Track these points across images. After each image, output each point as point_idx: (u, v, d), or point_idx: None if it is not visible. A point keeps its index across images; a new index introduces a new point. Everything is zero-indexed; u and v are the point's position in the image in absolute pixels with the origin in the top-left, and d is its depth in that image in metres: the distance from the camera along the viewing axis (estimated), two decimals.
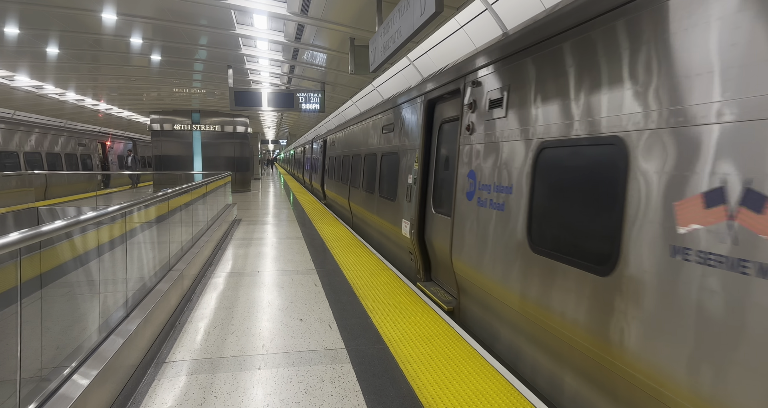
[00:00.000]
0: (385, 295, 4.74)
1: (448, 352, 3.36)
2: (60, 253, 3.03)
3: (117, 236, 3.26)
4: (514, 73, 3.66)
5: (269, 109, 10.19)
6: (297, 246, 7.28)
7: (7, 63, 10.04)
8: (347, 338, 3.61)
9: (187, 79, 11.91)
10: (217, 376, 2.96)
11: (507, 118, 3.69)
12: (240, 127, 17.84)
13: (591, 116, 2.71)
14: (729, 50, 1.93)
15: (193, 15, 6.93)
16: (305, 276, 5.47)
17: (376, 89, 12.67)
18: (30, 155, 14.87)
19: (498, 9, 6.76)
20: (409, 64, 10.08)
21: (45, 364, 2.23)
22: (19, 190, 10.54)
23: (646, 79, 2.33)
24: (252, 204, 13.88)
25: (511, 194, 3.54)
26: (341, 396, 2.73)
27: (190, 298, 4.54)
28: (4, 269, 2.00)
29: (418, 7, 3.69)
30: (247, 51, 9.19)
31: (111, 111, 18.94)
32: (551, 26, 3.13)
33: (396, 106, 7.06)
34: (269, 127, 29.35)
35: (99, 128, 24.07)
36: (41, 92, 13.68)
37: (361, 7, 5.99)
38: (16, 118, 16.34)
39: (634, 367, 2.29)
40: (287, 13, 6.65)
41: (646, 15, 2.36)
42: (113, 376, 2.53)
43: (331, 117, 20.23)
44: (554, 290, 2.93)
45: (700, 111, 2.03)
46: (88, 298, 3.14)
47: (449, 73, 4.95)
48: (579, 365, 2.79)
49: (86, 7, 6.46)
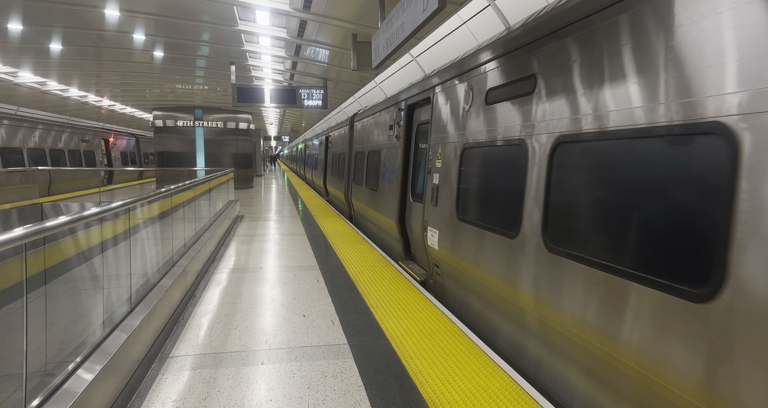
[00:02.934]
0: (387, 291, 4.75)
1: (451, 347, 3.37)
2: (64, 249, 3.05)
3: (120, 232, 3.28)
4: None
5: (272, 105, 10.18)
6: (299, 242, 7.30)
7: (10, 59, 10.06)
8: (350, 334, 3.62)
9: (189, 75, 11.91)
10: (221, 371, 2.98)
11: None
12: (242, 123, 17.84)
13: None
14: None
15: (196, 11, 6.92)
16: (308, 272, 5.48)
17: (379, 85, 12.64)
18: (33, 151, 14.92)
19: (501, 4, 6.73)
20: (411, 60, 10.06)
21: (50, 359, 2.25)
22: (23, 186, 10.59)
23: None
24: (254, 200, 13.90)
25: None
26: (344, 391, 2.75)
27: (193, 294, 4.56)
28: (9, 265, 2.01)
29: (421, 3, 3.68)
30: (250, 47, 9.18)
31: (114, 107, 18.97)
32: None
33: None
34: (272, 124, 29.34)
35: (102, 124, 24.14)
36: (44, 88, 13.71)
37: (364, 3, 5.98)
38: (20, 114, 16.39)
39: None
40: (290, 9, 6.64)
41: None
42: (118, 371, 2.55)
43: (333, 113, 20.20)
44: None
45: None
46: (92, 293, 3.17)
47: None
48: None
49: (89, 4, 6.46)
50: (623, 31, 2.41)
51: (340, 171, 12.01)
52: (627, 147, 2.39)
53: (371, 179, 8.42)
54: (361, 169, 9.42)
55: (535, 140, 3.20)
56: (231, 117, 17.71)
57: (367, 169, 8.75)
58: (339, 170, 12.28)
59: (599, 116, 2.59)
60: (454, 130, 4.67)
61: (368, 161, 8.76)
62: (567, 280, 2.78)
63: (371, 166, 8.46)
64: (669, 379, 2.02)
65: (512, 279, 3.40)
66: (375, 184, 8.10)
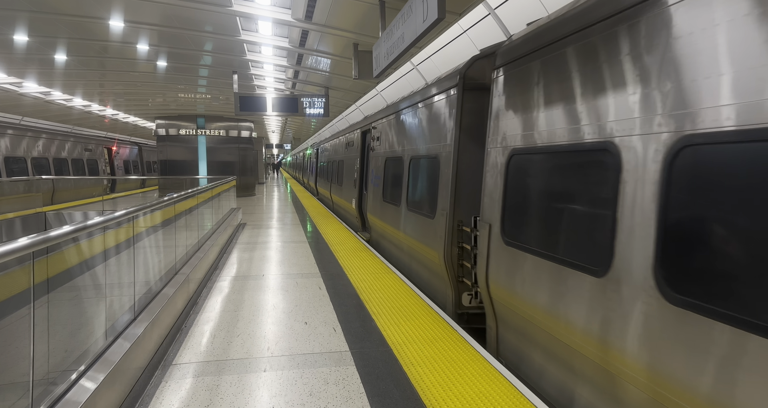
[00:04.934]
0: (388, 298, 4.76)
1: (452, 354, 3.37)
2: (67, 258, 3.07)
3: (123, 241, 3.30)
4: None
5: (274, 113, 10.26)
6: (301, 250, 7.32)
7: (15, 70, 10.18)
8: (351, 341, 3.63)
9: (192, 84, 12.02)
10: (223, 378, 2.99)
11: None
12: (245, 131, 17.94)
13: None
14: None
15: (199, 22, 7.01)
16: (310, 279, 5.50)
17: (380, 93, 12.72)
18: (37, 160, 15.02)
19: (501, 13, 6.80)
20: (412, 69, 10.13)
21: (53, 368, 2.26)
22: (27, 195, 10.64)
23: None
24: (256, 208, 13.95)
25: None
26: (346, 398, 2.75)
27: (196, 302, 4.58)
28: (12, 274, 2.04)
29: (421, 14, 3.73)
30: (252, 57, 9.28)
31: (117, 116, 19.11)
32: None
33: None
34: (273, 132, 29.48)
35: (105, 133, 24.29)
36: (49, 98, 13.84)
37: (365, 14, 6.05)
38: (24, 124, 16.52)
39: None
40: (292, 20, 6.72)
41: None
42: (121, 379, 2.57)
43: (335, 121, 20.30)
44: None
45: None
46: (95, 302, 3.18)
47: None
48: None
49: (94, 15, 6.55)
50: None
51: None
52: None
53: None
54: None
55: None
56: (233, 125, 17.81)
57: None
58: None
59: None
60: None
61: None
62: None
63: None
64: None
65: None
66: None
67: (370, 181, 8.74)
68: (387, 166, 7.45)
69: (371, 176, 8.69)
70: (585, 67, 2.77)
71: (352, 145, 11.25)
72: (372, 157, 8.71)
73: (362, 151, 10.05)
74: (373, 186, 8.43)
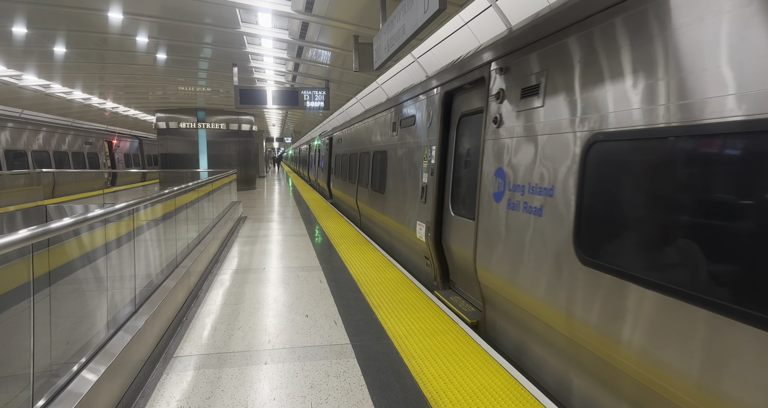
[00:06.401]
0: (389, 291, 4.77)
1: (453, 347, 3.38)
2: (68, 251, 3.07)
3: (124, 234, 3.30)
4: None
5: (274, 107, 10.23)
6: (302, 243, 7.32)
7: (15, 62, 10.14)
8: (352, 334, 3.64)
9: (192, 77, 11.97)
10: (224, 370, 3.00)
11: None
12: (245, 124, 17.90)
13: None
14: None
15: (199, 14, 6.96)
16: (310, 272, 5.50)
17: (381, 86, 12.66)
18: (38, 154, 15.01)
19: (502, 5, 6.73)
20: (413, 61, 10.07)
21: (55, 360, 2.27)
22: (28, 188, 10.65)
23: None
24: (257, 202, 13.94)
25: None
26: (346, 390, 2.76)
27: (196, 295, 4.59)
28: (13, 267, 2.03)
29: (422, 5, 3.70)
30: (252, 49, 9.22)
31: (117, 110, 19.06)
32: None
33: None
34: (274, 125, 29.43)
35: (105, 127, 24.23)
36: (48, 91, 13.80)
37: (365, 5, 6.00)
38: (24, 116, 16.48)
39: None
40: (292, 11, 6.67)
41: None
42: (122, 371, 2.57)
43: (335, 114, 20.24)
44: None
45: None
46: (96, 294, 3.19)
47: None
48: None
49: (93, 7, 6.51)
50: None
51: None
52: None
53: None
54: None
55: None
56: (233, 119, 17.77)
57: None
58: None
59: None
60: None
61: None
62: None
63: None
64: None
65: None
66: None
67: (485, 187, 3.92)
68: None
69: (489, 180, 3.85)
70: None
71: (412, 124, 6.20)
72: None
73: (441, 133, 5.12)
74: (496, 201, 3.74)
